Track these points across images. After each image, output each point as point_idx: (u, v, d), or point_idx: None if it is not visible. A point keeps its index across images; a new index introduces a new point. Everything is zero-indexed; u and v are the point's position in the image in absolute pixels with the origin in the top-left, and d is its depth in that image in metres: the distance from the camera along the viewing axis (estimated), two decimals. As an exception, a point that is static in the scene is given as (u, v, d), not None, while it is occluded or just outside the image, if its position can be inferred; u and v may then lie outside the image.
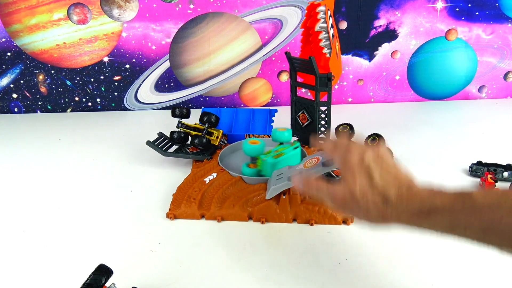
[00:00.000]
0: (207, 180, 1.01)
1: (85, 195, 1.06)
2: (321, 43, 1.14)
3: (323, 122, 1.18)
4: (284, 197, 0.90)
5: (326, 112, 1.17)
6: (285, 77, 1.66)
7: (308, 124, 1.20)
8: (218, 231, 0.89)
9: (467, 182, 1.06)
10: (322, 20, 1.13)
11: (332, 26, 1.16)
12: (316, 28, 1.14)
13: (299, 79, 1.22)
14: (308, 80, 1.19)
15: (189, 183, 1.02)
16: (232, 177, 1.01)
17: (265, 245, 0.84)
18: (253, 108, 1.39)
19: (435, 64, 1.66)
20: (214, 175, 1.03)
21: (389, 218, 0.60)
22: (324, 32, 1.13)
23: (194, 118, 1.25)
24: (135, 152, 1.30)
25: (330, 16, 1.17)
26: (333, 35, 1.16)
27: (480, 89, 1.71)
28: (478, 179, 1.06)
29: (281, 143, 1.08)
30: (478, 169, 1.08)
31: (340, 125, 1.23)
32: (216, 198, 0.95)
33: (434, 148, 1.28)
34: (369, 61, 1.64)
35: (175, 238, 0.87)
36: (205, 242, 0.86)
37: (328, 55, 1.14)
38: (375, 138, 1.12)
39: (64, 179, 1.16)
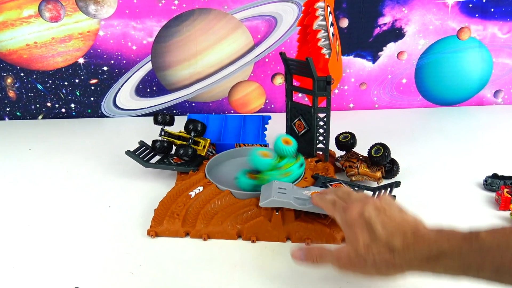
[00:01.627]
0: (192, 194, 1.03)
1: (58, 211, 1.08)
2: (320, 43, 1.16)
3: (321, 131, 1.19)
4: (277, 213, 0.92)
5: (325, 119, 1.18)
6: (279, 80, 1.67)
7: (305, 133, 1.21)
8: (204, 250, 0.91)
9: (481, 197, 1.08)
10: (321, 17, 1.14)
11: (332, 24, 1.18)
12: (314, 27, 1.15)
13: (295, 83, 1.23)
14: (305, 84, 1.20)
15: (172, 197, 1.03)
16: (220, 191, 1.02)
17: (257, 266, 0.85)
18: (244, 114, 1.41)
19: (446, 66, 1.67)
20: (200, 188, 1.04)
21: (399, 268, 0.64)
22: (323, 31, 1.15)
23: (178, 125, 1.26)
24: (114, 163, 1.31)
25: (330, 13, 1.18)
26: (333, 34, 1.17)
27: (495, 93, 1.73)
28: (494, 194, 1.07)
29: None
30: (493, 182, 1.09)
31: (341, 134, 1.24)
32: (202, 214, 0.97)
33: (445, 159, 1.30)
34: (373, 63, 1.66)
35: (157, 259, 0.88)
36: (190, 262, 0.87)
37: (327, 56, 1.16)
38: (380, 148, 1.14)
39: (34, 193, 1.17)
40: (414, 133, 1.50)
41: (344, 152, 1.23)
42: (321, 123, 1.19)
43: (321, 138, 1.20)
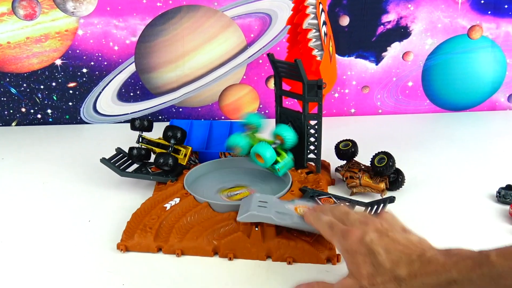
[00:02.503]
0: (168, 206, 1.02)
1: (32, 226, 1.07)
2: (311, 43, 1.14)
3: (312, 139, 1.17)
4: (256, 229, 0.90)
5: (316, 126, 1.16)
6: (275, 83, 1.67)
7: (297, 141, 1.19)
8: (177, 267, 0.90)
9: (494, 210, 1.07)
10: (312, 15, 1.13)
11: (325, 23, 1.16)
12: (305, 26, 1.13)
13: (285, 87, 1.22)
14: (297, 88, 1.19)
15: (146, 209, 1.03)
16: (198, 203, 1.01)
17: (233, 287, 0.84)
18: (232, 121, 1.39)
19: (455, 67, 1.67)
20: (177, 200, 1.04)
21: None
22: (314, 30, 1.13)
23: (159, 132, 1.25)
24: (94, 173, 1.31)
25: (323, 11, 1.17)
26: (325, 34, 1.16)
27: (510, 97, 1.72)
28: (507, 207, 1.06)
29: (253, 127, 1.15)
30: (507, 194, 1.08)
31: (341, 141, 1.23)
32: (176, 227, 0.96)
33: (454, 169, 1.29)
34: (376, 64, 1.65)
35: (126, 276, 0.87)
36: (161, 281, 0.86)
37: (319, 58, 1.14)
38: (383, 157, 1.12)
39: (7, 207, 1.16)
40: (421, 140, 1.49)
41: (344, 162, 1.22)
42: (312, 131, 1.17)
43: (312, 147, 1.18)
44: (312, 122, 1.16)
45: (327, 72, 1.17)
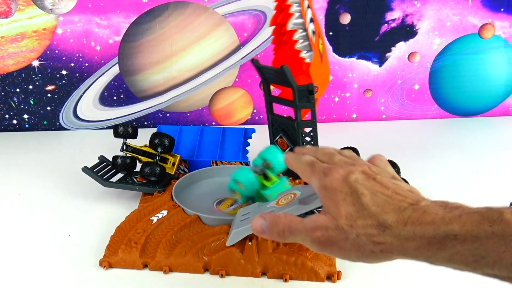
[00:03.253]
0: (154, 219, 1.03)
1: (8, 240, 1.07)
2: (298, 45, 1.13)
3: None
4: (250, 243, 0.91)
5: (312, 134, 1.17)
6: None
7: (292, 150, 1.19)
8: (164, 286, 0.90)
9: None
10: (297, 14, 1.12)
11: (312, 20, 1.16)
12: (289, 27, 1.12)
13: (275, 92, 1.22)
14: (287, 93, 1.18)
15: (131, 223, 1.03)
16: (187, 216, 1.02)
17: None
18: (224, 127, 1.40)
19: (465, 69, 1.68)
20: (164, 212, 1.04)
21: (389, 250, 0.59)
22: (300, 30, 1.12)
23: (145, 139, 1.25)
24: (74, 183, 1.31)
25: (309, 7, 1.16)
26: (314, 32, 1.16)
27: (524, 102, 1.73)
28: None
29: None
30: None
31: (342, 149, 1.23)
32: (164, 242, 0.96)
33: (464, 179, 1.30)
34: (380, 66, 1.66)
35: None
36: (146, 300, 0.86)
37: (308, 60, 1.14)
38: None
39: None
40: (428, 148, 1.50)
41: None
42: (308, 138, 1.17)
43: None
44: (307, 129, 1.17)
45: (319, 73, 1.17)
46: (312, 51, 1.12)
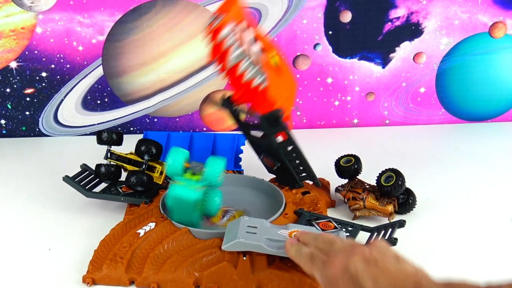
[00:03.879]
0: (141, 232, 1.03)
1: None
2: (247, 77, 1.10)
3: (297, 162, 1.18)
4: (244, 258, 0.91)
5: (295, 150, 1.17)
6: (265, 89, 1.68)
7: (281, 166, 1.19)
8: (152, 304, 0.90)
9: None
10: (234, 46, 1.07)
11: (254, 38, 1.11)
12: (231, 63, 1.09)
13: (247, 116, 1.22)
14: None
15: (116, 236, 1.03)
16: (176, 229, 1.02)
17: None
18: (215, 133, 1.40)
19: (475, 71, 1.68)
20: (152, 225, 1.04)
21: None
22: (244, 60, 1.09)
23: (131, 146, 1.25)
24: (54, 192, 1.31)
25: (245, 28, 1.12)
26: (260, 50, 1.12)
27: (537, 106, 1.73)
28: None
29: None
30: None
31: (342, 157, 1.24)
32: (152, 257, 0.96)
33: (473, 188, 1.30)
34: (383, 67, 1.67)
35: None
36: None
37: (263, 85, 1.10)
38: (391, 175, 1.13)
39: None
40: (435, 155, 1.51)
41: (346, 180, 1.23)
42: (293, 154, 1.17)
43: (300, 168, 1.19)
44: (289, 148, 1.17)
45: (280, 88, 1.14)
46: (265, 72, 1.08)
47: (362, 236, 1.00)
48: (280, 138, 1.14)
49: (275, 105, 1.10)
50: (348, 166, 1.21)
